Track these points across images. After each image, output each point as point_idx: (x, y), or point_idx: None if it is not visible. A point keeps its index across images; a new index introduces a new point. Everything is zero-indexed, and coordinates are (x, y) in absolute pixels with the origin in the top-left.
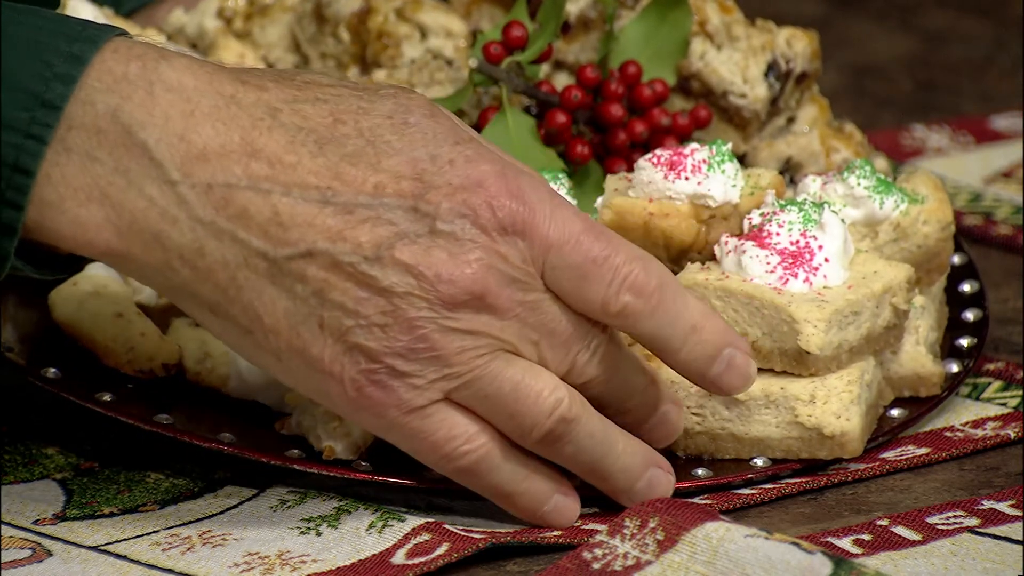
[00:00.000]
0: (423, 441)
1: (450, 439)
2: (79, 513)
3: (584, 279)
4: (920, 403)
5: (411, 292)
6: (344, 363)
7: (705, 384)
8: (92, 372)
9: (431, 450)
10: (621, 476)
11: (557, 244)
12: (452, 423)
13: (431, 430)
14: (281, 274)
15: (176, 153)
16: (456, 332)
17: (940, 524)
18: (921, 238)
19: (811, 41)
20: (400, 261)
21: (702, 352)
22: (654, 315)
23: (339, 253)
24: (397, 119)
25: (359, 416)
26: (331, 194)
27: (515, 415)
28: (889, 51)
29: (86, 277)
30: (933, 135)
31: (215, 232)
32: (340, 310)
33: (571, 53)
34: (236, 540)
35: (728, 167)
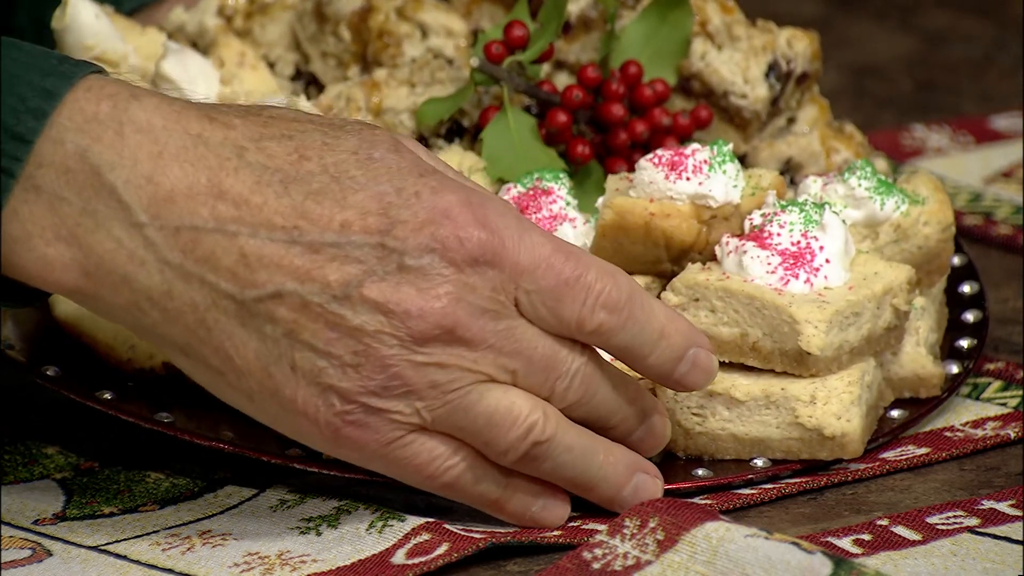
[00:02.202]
0: (405, 467)
1: (431, 461)
2: (79, 513)
3: (559, 301)
4: (920, 404)
5: (381, 330)
6: (318, 405)
7: (670, 384)
8: (93, 370)
9: (414, 473)
10: (605, 485)
11: (529, 269)
12: (431, 447)
13: (411, 456)
14: (250, 316)
15: (144, 195)
16: (428, 367)
17: (940, 524)
18: (922, 239)
19: (812, 42)
20: (369, 299)
21: (669, 355)
22: (626, 328)
23: (308, 293)
24: (362, 154)
25: (338, 453)
26: (298, 234)
27: (489, 442)
28: (889, 51)
29: None
30: (933, 135)
31: (183, 275)
32: (311, 351)
33: (572, 53)
34: (236, 540)
35: (729, 167)
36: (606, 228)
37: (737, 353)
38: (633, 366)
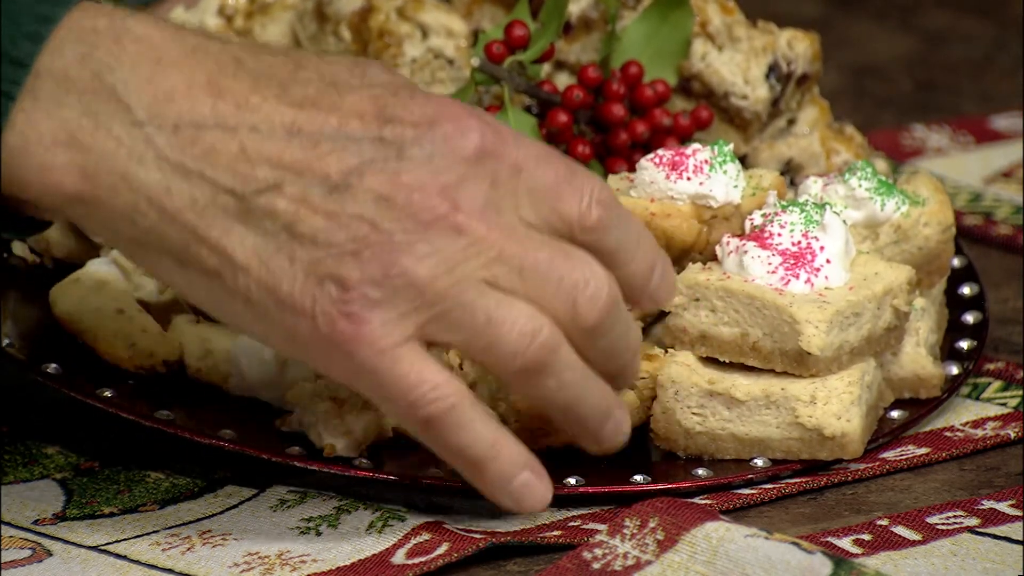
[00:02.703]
0: (393, 385)
1: (420, 383)
2: (79, 513)
3: (559, 198)
4: (920, 405)
5: (383, 217)
6: (316, 296)
7: (644, 296)
8: (93, 368)
9: (400, 395)
10: (592, 417)
11: (529, 166)
12: (423, 367)
13: (402, 373)
14: (249, 211)
15: (143, 95)
16: (429, 258)
17: (940, 524)
18: (922, 240)
19: (812, 43)
20: (370, 188)
21: (647, 264)
22: (617, 226)
23: (307, 185)
24: (356, 69)
25: (330, 357)
26: (296, 130)
27: (493, 346)
28: (889, 51)
29: (87, 273)
30: (933, 135)
31: (182, 171)
32: (311, 242)
33: (573, 53)
34: (236, 540)
35: (730, 168)
36: None
37: (737, 353)
38: (618, 272)
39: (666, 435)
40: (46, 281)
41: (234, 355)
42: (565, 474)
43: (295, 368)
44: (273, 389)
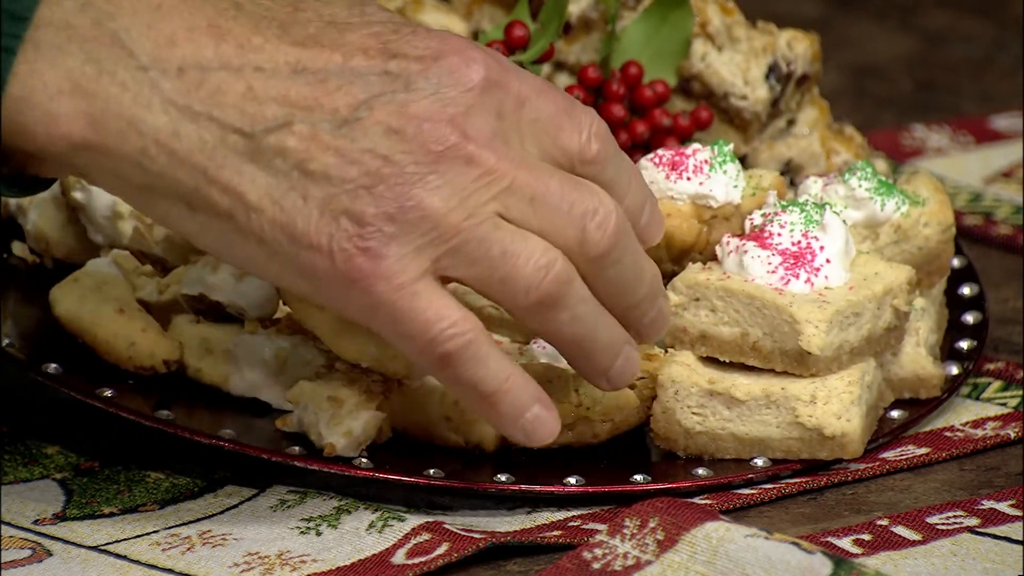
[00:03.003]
0: (411, 322)
1: (439, 319)
2: (79, 513)
3: (560, 129)
4: (920, 405)
5: (394, 149)
6: (332, 233)
7: (635, 233)
8: (93, 368)
9: (419, 332)
10: (603, 353)
11: (531, 97)
12: (441, 304)
13: (420, 309)
14: (260, 150)
15: (146, 40)
16: (441, 190)
17: (940, 524)
18: (922, 240)
19: (812, 43)
20: (380, 121)
21: (639, 199)
22: (613, 160)
23: (317, 121)
24: (355, 9)
25: (347, 294)
26: (301, 68)
27: (507, 279)
28: (889, 51)
29: (87, 273)
30: (933, 135)
31: (190, 114)
32: (324, 179)
33: (572, 53)
34: (236, 540)
35: (730, 168)
36: None
37: (737, 353)
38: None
39: (666, 435)
40: (46, 281)
41: (234, 355)
42: (565, 474)
43: (295, 367)
44: (273, 389)
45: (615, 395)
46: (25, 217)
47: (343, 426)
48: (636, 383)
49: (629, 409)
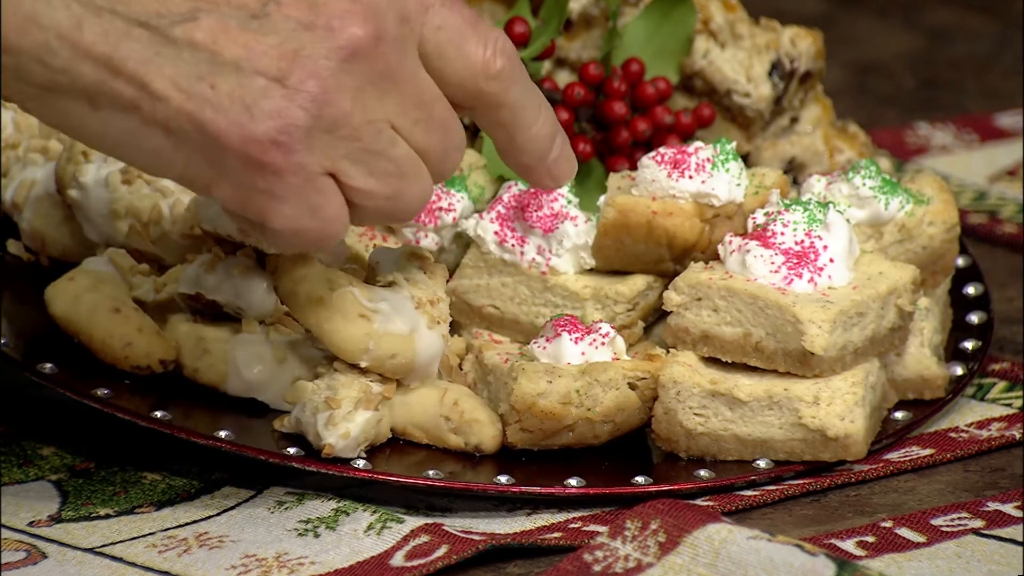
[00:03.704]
0: (315, 214)
1: (337, 219)
2: (75, 515)
3: (465, 40)
4: (924, 406)
5: (305, 43)
6: (243, 123)
7: (540, 172)
8: (88, 368)
9: (321, 221)
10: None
11: (436, 5)
12: (341, 203)
13: (323, 203)
14: (167, 42)
15: None
16: (349, 90)
17: (944, 526)
18: (926, 239)
19: (815, 40)
20: (289, 15)
21: (548, 130)
22: (519, 81)
23: (225, 15)
24: None
25: (255, 192)
26: None
27: (397, 194)
28: (892, 48)
29: (83, 272)
30: (937, 133)
31: (93, 8)
32: (234, 70)
33: (573, 50)
34: (233, 542)
35: (732, 166)
36: (608, 227)
37: (740, 353)
38: (518, 135)
39: (667, 436)
40: (41, 280)
41: (231, 355)
42: (565, 475)
43: (293, 368)
44: (270, 389)
45: (616, 395)
46: (20, 215)
47: (341, 427)
48: (638, 384)
49: (630, 410)
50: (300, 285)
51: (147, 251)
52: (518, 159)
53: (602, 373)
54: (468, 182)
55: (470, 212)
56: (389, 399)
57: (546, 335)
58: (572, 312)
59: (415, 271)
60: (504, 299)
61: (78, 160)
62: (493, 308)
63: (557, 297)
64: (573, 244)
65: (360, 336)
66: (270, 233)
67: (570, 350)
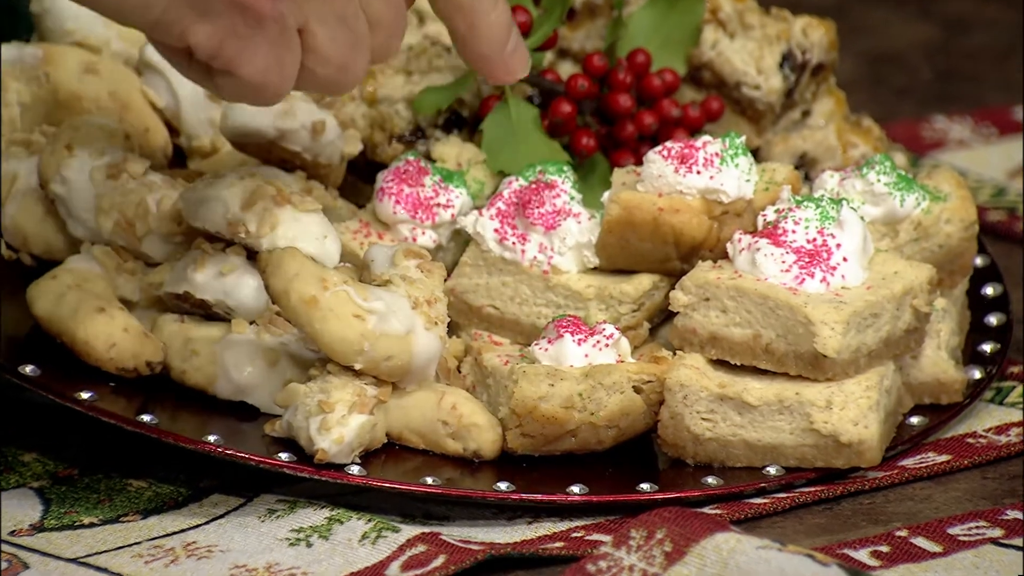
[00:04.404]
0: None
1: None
2: (58, 523)
3: None
4: (941, 411)
5: None
6: None
7: (498, 62)
8: (72, 370)
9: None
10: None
11: None
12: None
13: (288, 59)
14: None
15: None
16: None
17: (962, 535)
18: (943, 238)
19: (828, 31)
20: None
21: (505, 20)
22: None
23: None
24: None
25: (233, 28)
26: None
27: None
28: (908, 39)
29: (66, 270)
30: (955, 126)
31: None
32: None
33: (577, 40)
34: (222, 552)
35: (742, 161)
36: (612, 224)
37: (749, 355)
38: (475, 19)
39: (674, 441)
40: (23, 278)
41: (220, 356)
42: (568, 483)
43: (285, 370)
44: (261, 392)
45: (621, 399)
46: (1, 211)
47: (335, 431)
48: (643, 387)
49: (635, 414)
50: (292, 284)
51: (133, 248)
52: (476, 48)
53: (606, 376)
54: (467, 177)
55: (469, 208)
56: (385, 403)
57: (548, 336)
58: (575, 313)
59: (412, 270)
60: (504, 299)
61: (62, 154)
62: (493, 308)
63: (559, 297)
64: (576, 242)
65: (355, 337)
66: (233, 83)
67: (573, 352)
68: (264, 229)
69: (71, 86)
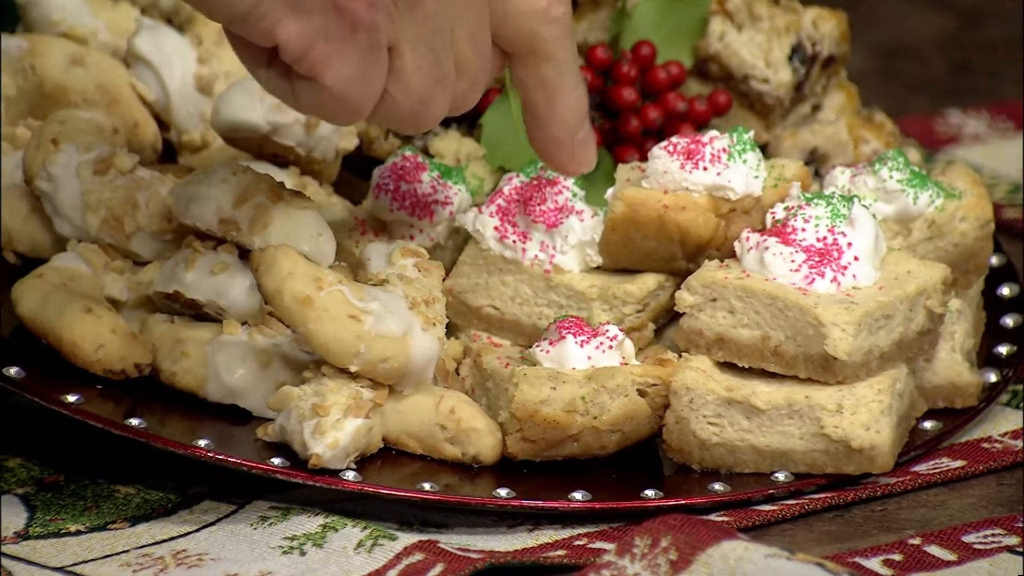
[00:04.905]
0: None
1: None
2: (43, 531)
3: None
4: (956, 415)
5: None
6: None
7: (568, 148)
8: (58, 372)
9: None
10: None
11: None
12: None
13: (373, 75)
14: None
15: None
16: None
17: (977, 543)
18: (958, 236)
19: (839, 22)
20: None
21: (583, 105)
22: (571, 38)
23: None
24: None
25: (325, 30)
26: None
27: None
28: (922, 30)
29: (52, 269)
30: (970, 121)
31: None
32: None
33: (579, 32)
34: (213, 560)
35: (750, 157)
36: (616, 222)
37: (758, 357)
38: (554, 101)
39: (679, 446)
40: (8, 277)
41: (211, 358)
42: (570, 489)
43: (278, 372)
44: (253, 395)
45: (624, 403)
46: None
47: (329, 436)
48: (648, 390)
49: (640, 418)
50: (286, 283)
51: (121, 246)
52: (549, 129)
53: (609, 379)
54: (466, 173)
55: (468, 205)
56: (381, 406)
57: (549, 338)
58: (577, 313)
59: (409, 269)
60: (504, 299)
61: (47, 148)
62: (493, 309)
63: (561, 297)
64: (579, 240)
65: (350, 338)
66: (315, 91)
67: (575, 354)
68: (257, 227)
69: (57, 78)
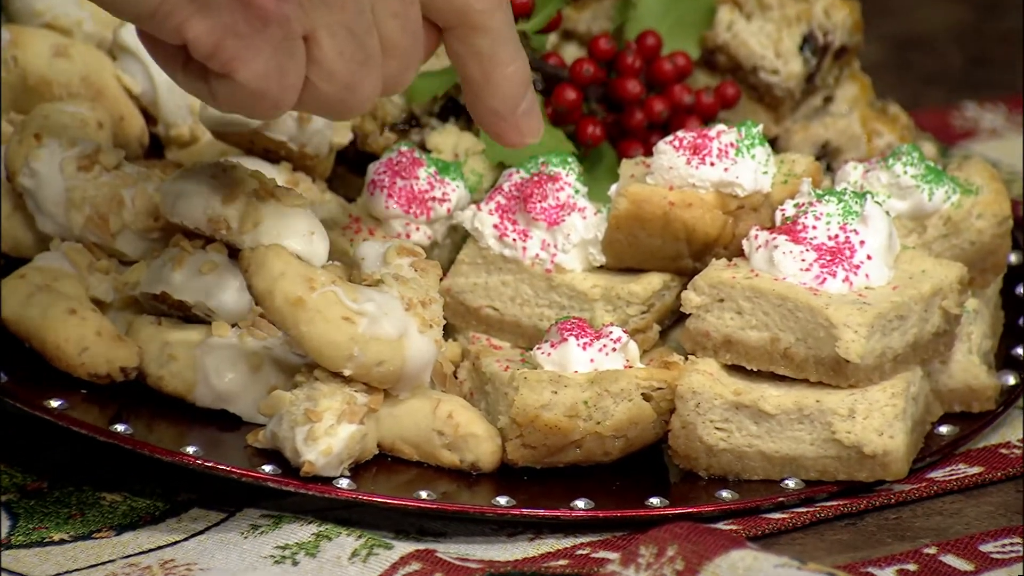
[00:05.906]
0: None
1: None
2: (26, 540)
3: None
4: (972, 419)
5: None
6: None
7: (510, 120)
8: (41, 376)
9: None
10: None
11: None
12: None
13: (290, 68)
14: None
15: None
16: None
17: (994, 552)
18: (975, 234)
19: (852, 11)
20: None
21: (523, 76)
22: (507, 10)
23: None
24: None
25: (234, 27)
26: None
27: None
28: (937, 21)
29: (35, 269)
30: (987, 114)
31: None
32: None
33: (583, 22)
34: (202, 570)
35: (759, 151)
36: (620, 219)
37: (767, 360)
38: (493, 73)
39: (686, 452)
40: None
41: (200, 361)
42: (572, 497)
43: (269, 376)
44: (244, 399)
45: (629, 408)
46: None
47: (322, 442)
48: (653, 394)
49: (644, 423)
50: (277, 284)
51: (106, 245)
52: (489, 102)
53: (613, 383)
54: (464, 169)
55: (466, 202)
56: (376, 411)
57: (551, 340)
58: (580, 314)
59: (405, 268)
60: (504, 299)
61: (30, 143)
62: (492, 309)
63: (563, 297)
64: (581, 239)
65: (344, 341)
66: (230, 88)
67: (577, 357)
68: (247, 225)
69: (41, 71)
